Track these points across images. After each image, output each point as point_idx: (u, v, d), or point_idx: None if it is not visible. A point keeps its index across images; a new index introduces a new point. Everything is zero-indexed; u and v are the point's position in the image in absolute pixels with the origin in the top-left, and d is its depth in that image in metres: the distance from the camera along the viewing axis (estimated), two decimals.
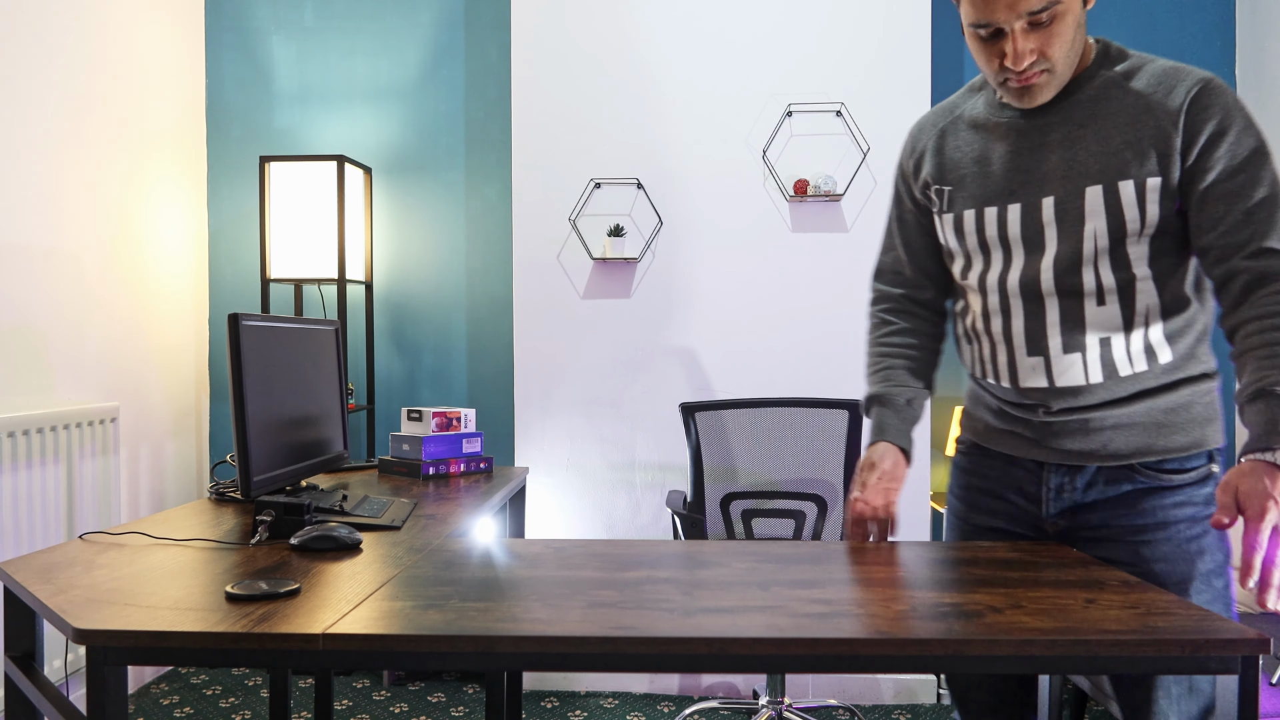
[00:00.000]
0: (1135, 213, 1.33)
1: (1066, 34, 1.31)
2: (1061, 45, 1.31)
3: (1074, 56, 1.34)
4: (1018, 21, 1.30)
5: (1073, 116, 1.37)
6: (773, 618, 1.15)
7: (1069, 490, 1.47)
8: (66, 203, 2.78)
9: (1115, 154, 1.33)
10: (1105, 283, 1.36)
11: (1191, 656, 1.06)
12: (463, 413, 2.51)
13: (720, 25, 3.13)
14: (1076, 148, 1.36)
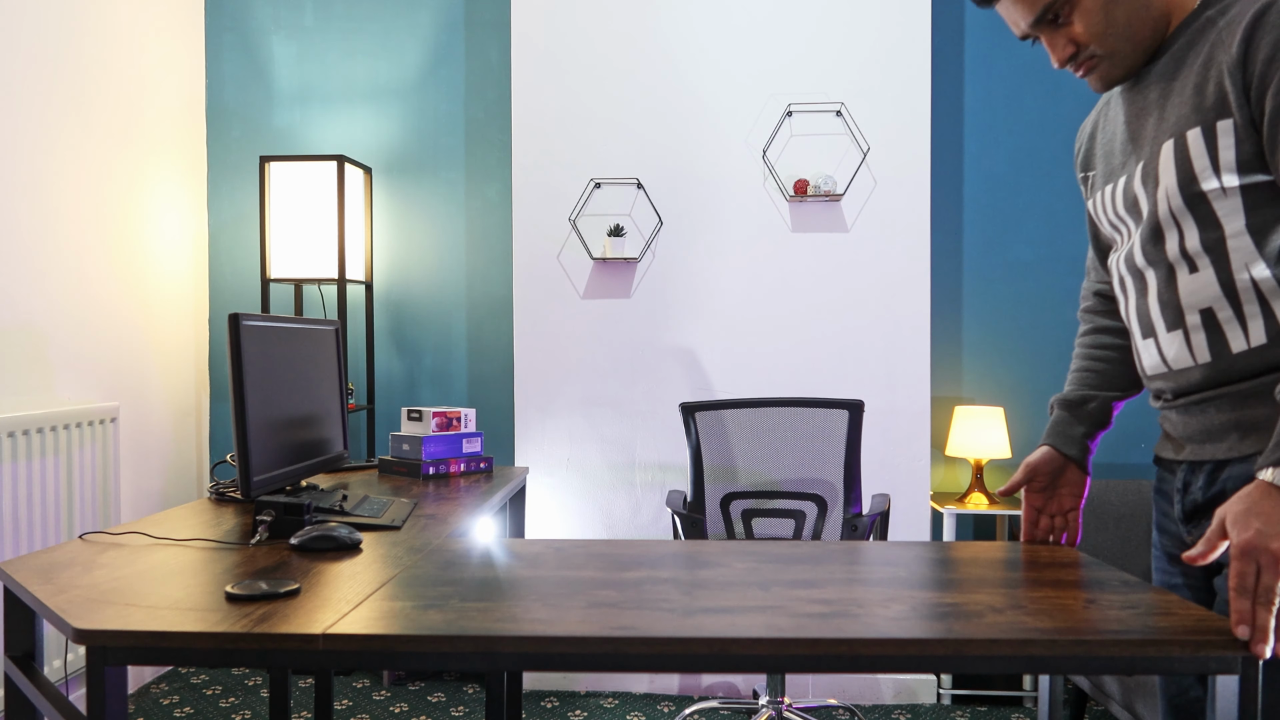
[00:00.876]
0: (1206, 161, 1.15)
1: (1095, 20, 1.22)
2: (1093, 29, 1.23)
3: (1135, 29, 1.22)
4: (1036, 28, 1.25)
5: (1167, 71, 1.23)
6: (773, 618, 1.15)
7: (1193, 489, 1.26)
8: (66, 203, 2.78)
9: (1188, 102, 1.18)
10: (1189, 246, 1.18)
11: (1191, 656, 1.06)
12: (463, 413, 2.51)
13: (720, 25, 3.13)
14: (1165, 103, 1.22)
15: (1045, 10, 1.23)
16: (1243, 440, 1.16)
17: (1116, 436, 3.35)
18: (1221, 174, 1.14)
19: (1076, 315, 1.63)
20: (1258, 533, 0.99)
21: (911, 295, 3.10)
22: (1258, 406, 1.15)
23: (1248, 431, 1.16)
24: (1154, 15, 1.22)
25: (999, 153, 3.37)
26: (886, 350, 3.11)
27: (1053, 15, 1.23)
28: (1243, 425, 1.16)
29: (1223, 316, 1.16)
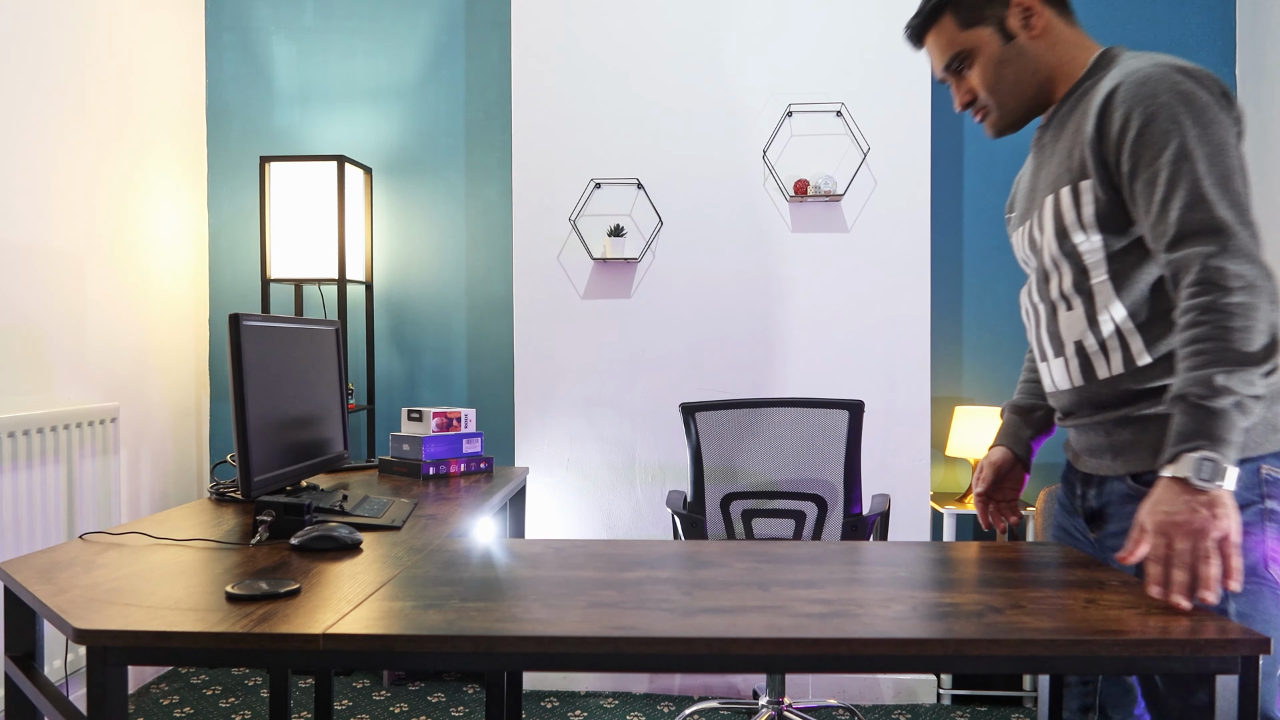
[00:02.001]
0: (1073, 216, 1.35)
1: (988, 70, 1.43)
2: (985, 82, 1.44)
3: (1023, 77, 1.43)
4: (945, 73, 1.49)
5: (1055, 132, 1.44)
6: (773, 618, 1.15)
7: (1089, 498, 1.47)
8: (66, 203, 2.78)
9: (1062, 164, 1.38)
10: (1065, 288, 1.39)
11: (1191, 656, 1.06)
12: (463, 413, 2.51)
13: (721, 25, 3.13)
14: (1051, 162, 1.43)
15: (951, 60, 1.46)
16: (1115, 460, 1.39)
17: None
18: (1086, 229, 1.34)
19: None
20: (1165, 514, 1.18)
21: (911, 295, 3.10)
22: (1124, 432, 1.37)
23: (1119, 453, 1.38)
24: (1039, 79, 1.43)
25: (999, 153, 3.37)
26: (886, 350, 3.11)
27: (957, 64, 1.46)
28: (1115, 448, 1.39)
29: (1090, 349, 1.37)
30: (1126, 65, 1.32)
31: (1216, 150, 1.23)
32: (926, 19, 1.47)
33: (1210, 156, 1.23)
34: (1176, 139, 1.24)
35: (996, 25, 1.42)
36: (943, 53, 1.47)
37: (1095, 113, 1.31)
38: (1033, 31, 1.42)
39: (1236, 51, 3.32)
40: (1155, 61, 1.29)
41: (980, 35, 1.43)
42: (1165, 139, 1.24)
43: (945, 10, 1.45)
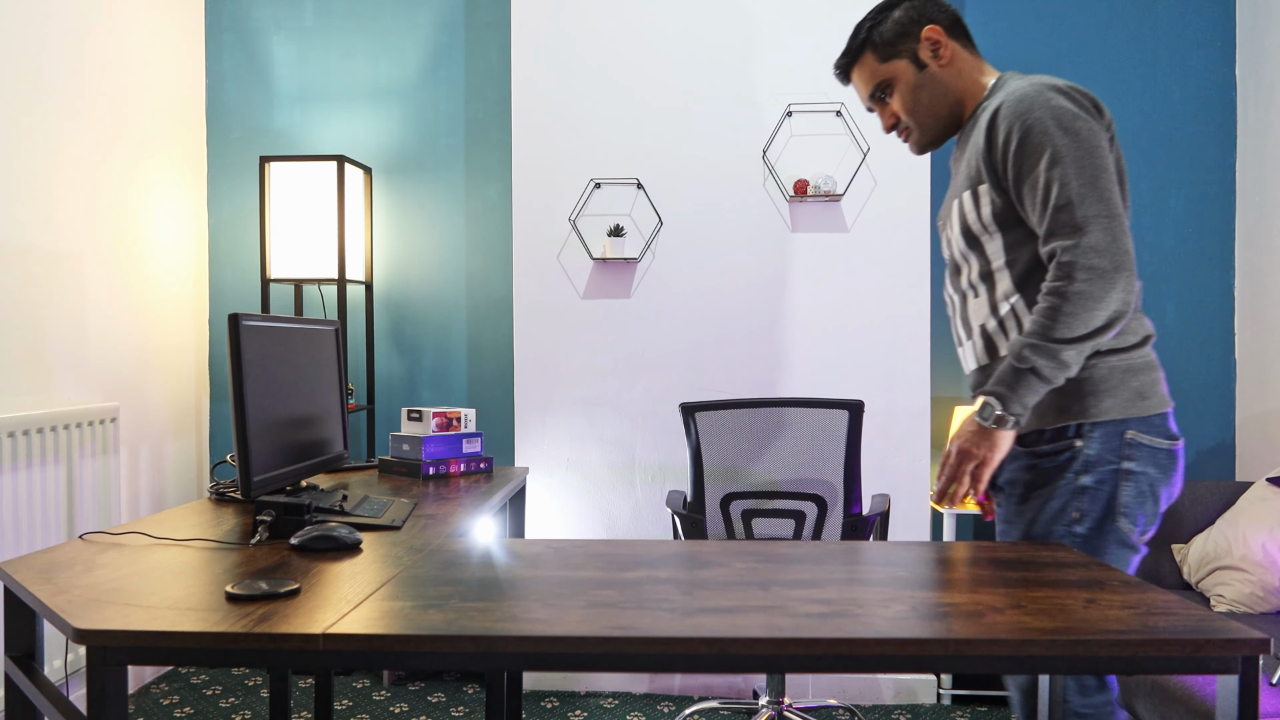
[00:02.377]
0: (974, 215, 1.59)
1: (905, 96, 1.68)
2: (905, 107, 1.69)
3: (937, 100, 1.68)
4: (871, 101, 1.73)
5: (962, 146, 1.68)
6: (773, 618, 1.15)
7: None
8: (66, 203, 2.78)
9: (964, 172, 1.62)
10: (972, 278, 1.64)
11: (1191, 656, 1.06)
12: (463, 413, 2.51)
13: (720, 26, 3.13)
14: (958, 170, 1.67)
15: (874, 90, 1.71)
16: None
17: None
18: (985, 226, 1.58)
19: None
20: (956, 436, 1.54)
21: (911, 295, 3.10)
22: None
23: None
24: (950, 101, 1.68)
25: None
26: (886, 350, 3.11)
27: (879, 94, 1.71)
28: None
29: (991, 330, 1.61)
30: (1010, 86, 1.57)
31: (1085, 154, 1.46)
32: (851, 58, 1.72)
33: (1078, 160, 1.45)
34: (1049, 148, 1.47)
35: (910, 57, 1.67)
36: (867, 84, 1.71)
37: (984, 128, 1.55)
38: (941, 61, 1.66)
39: (1236, 51, 3.32)
40: (1034, 82, 1.53)
41: (897, 67, 1.68)
42: (1040, 149, 1.47)
43: (866, 48, 1.70)
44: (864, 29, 1.70)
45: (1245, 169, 3.29)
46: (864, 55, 1.70)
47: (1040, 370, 1.44)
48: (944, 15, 1.69)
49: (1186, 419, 3.34)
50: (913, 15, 1.67)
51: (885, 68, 1.68)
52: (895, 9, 1.69)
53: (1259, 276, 3.21)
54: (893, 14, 1.69)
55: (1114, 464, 1.50)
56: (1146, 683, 2.22)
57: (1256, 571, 2.51)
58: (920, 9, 1.68)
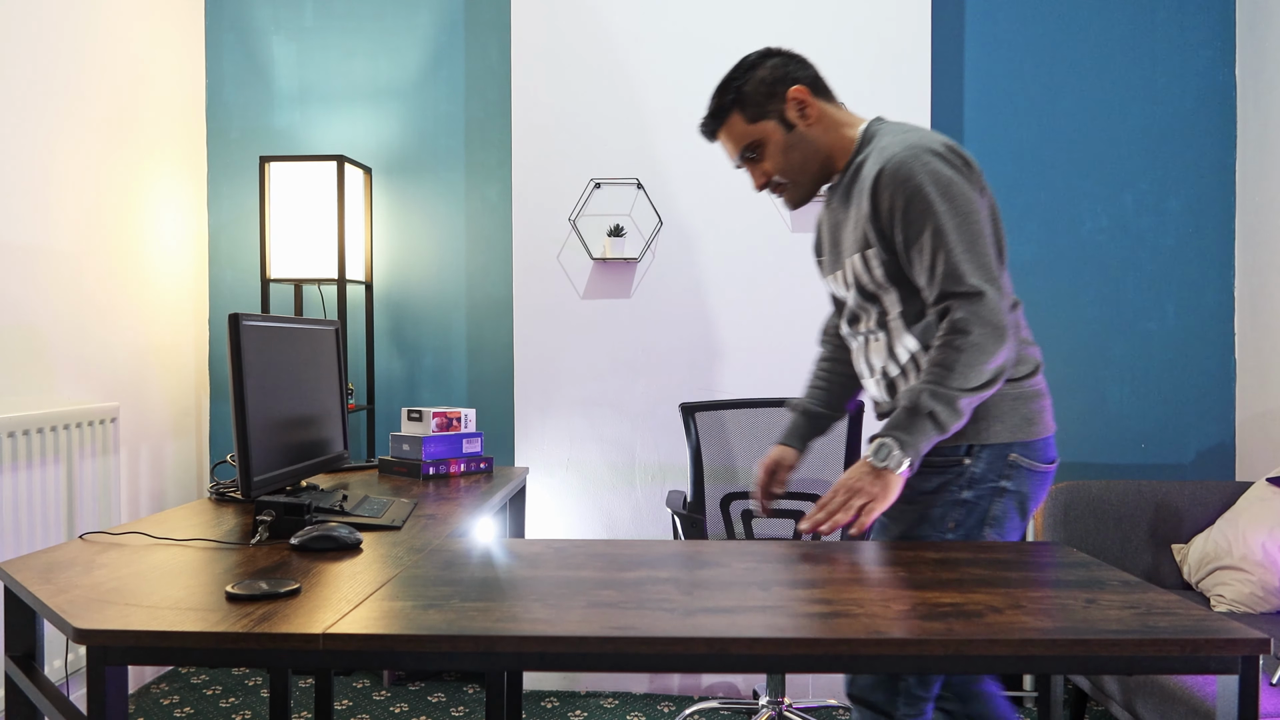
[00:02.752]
0: (867, 276, 1.67)
1: (776, 156, 1.71)
2: (777, 166, 1.72)
3: (808, 159, 1.71)
4: (741, 161, 1.74)
5: (844, 202, 1.73)
6: (773, 618, 1.15)
7: None
8: (66, 203, 2.78)
9: (852, 235, 1.68)
10: (871, 326, 1.72)
11: (1191, 656, 1.06)
12: (463, 413, 2.51)
13: (720, 25, 3.13)
14: (845, 229, 1.72)
15: (744, 150, 1.73)
16: None
17: (1117, 436, 3.35)
18: (879, 284, 1.66)
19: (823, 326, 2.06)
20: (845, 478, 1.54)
21: None
22: None
23: None
24: (820, 157, 1.72)
25: (999, 152, 3.37)
26: None
27: (750, 154, 1.73)
28: None
29: (893, 374, 1.70)
30: (883, 144, 1.62)
31: (963, 220, 1.54)
32: (718, 118, 1.73)
33: (959, 228, 1.54)
34: (931, 219, 1.54)
35: (778, 118, 1.70)
36: (736, 144, 1.73)
37: (868, 195, 1.61)
38: (808, 120, 1.70)
39: (1236, 51, 3.32)
40: (908, 144, 1.58)
41: (766, 128, 1.70)
42: (923, 219, 1.55)
43: (734, 109, 1.71)
44: (729, 89, 1.71)
45: (1245, 169, 3.29)
46: (731, 116, 1.72)
47: (938, 415, 1.51)
48: (806, 74, 1.72)
49: (1187, 419, 3.34)
50: (777, 74, 1.70)
51: (754, 129, 1.71)
52: (758, 68, 1.71)
53: (1259, 276, 3.21)
54: (756, 74, 1.70)
55: (994, 482, 1.62)
56: (1146, 683, 2.22)
57: (1256, 571, 2.51)
58: (783, 68, 1.71)
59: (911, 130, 1.64)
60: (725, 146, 1.76)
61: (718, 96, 1.72)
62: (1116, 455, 3.36)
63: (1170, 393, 3.35)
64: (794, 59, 1.73)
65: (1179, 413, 3.35)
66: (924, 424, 1.51)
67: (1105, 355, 3.36)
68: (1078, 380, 3.37)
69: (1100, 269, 3.36)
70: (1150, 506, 2.84)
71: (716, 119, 1.73)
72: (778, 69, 1.70)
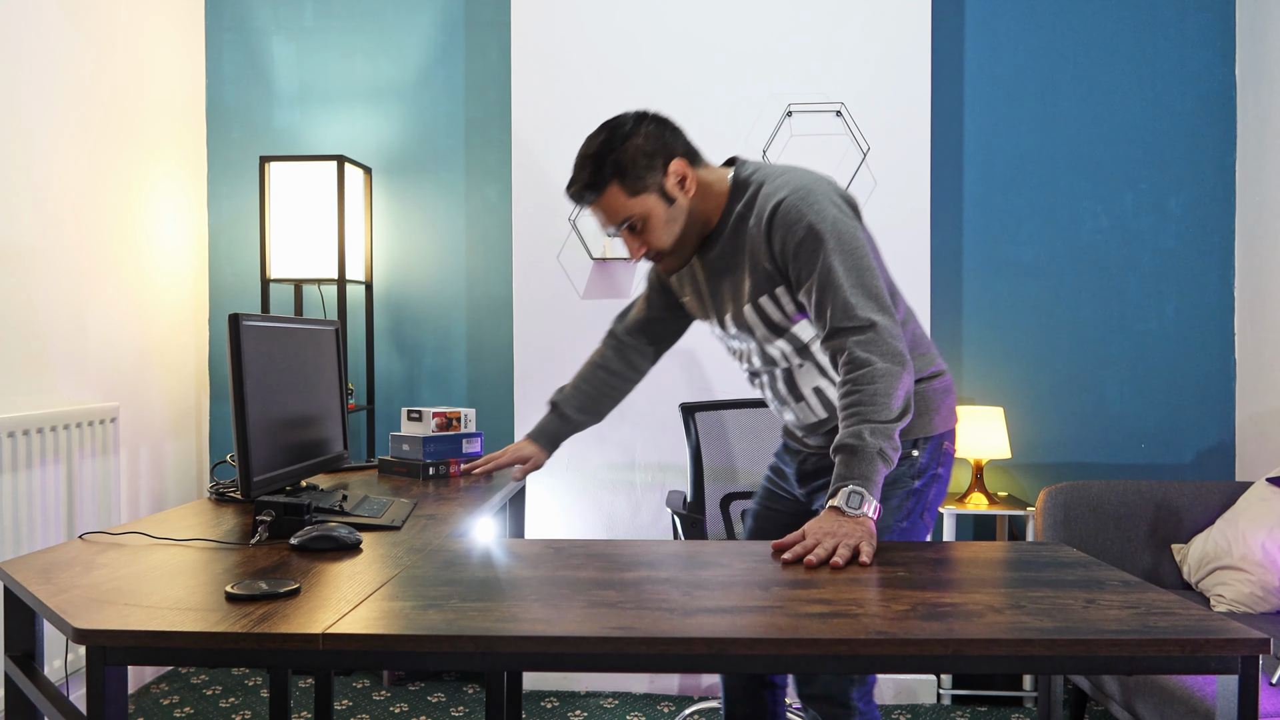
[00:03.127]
0: (779, 314, 1.70)
1: (659, 230, 1.69)
2: (658, 240, 1.70)
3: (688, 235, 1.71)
4: (618, 231, 1.70)
5: (726, 254, 1.73)
6: (773, 618, 1.15)
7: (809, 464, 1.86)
8: (66, 203, 2.78)
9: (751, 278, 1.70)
10: (791, 357, 1.74)
11: (1191, 656, 1.06)
12: (463, 413, 2.51)
13: (720, 25, 3.13)
14: (736, 279, 1.73)
15: (623, 222, 1.68)
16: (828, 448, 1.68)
17: (1117, 436, 3.35)
18: (791, 318, 1.70)
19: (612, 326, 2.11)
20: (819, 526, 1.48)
21: (911, 295, 3.10)
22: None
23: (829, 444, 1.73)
24: (699, 223, 1.73)
25: (999, 153, 3.37)
26: None
27: (628, 225, 1.68)
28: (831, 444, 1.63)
29: (825, 390, 1.75)
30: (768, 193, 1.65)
31: (850, 255, 1.59)
32: (595, 189, 1.66)
33: (846, 265, 1.58)
34: (821, 257, 1.59)
35: (659, 192, 1.67)
36: (614, 216, 1.68)
37: (763, 239, 1.65)
38: (687, 192, 1.69)
39: (1236, 51, 3.32)
40: (793, 187, 1.63)
41: (647, 202, 1.66)
42: (813, 258, 1.59)
43: (613, 180, 1.65)
44: (606, 159, 1.65)
45: (1245, 169, 3.29)
46: (610, 188, 1.66)
47: (885, 451, 1.51)
48: (681, 142, 1.71)
49: (1186, 419, 3.34)
50: (655, 145, 1.66)
51: (635, 202, 1.66)
52: (634, 136, 1.66)
53: (1259, 276, 3.21)
54: (634, 142, 1.65)
55: (933, 469, 1.74)
56: (1146, 683, 2.22)
57: (1256, 571, 2.51)
58: (659, 138, 1.67)
59: (789, 171, 1.68)
60: (597, 215, 1.71)
61: (594, 165, 1.66)
62: (1116, 455, 3.36)
63: (1170, 393, 3.35)
64: (668, 126, 1.70)
65: (1179, 413, 3.35)
66: (876, 463, 1.51)
67: (1105, 355, 3.36)
68: (1078, 380, 3.36)
69: (1100, 269, 3.36)
70: (1150, 506, 2.84)
71: (594, 190, 1.66)
72: (654, 139, 1.67)
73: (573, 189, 1.69)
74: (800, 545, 1.45)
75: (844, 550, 1.41)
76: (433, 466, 2.40)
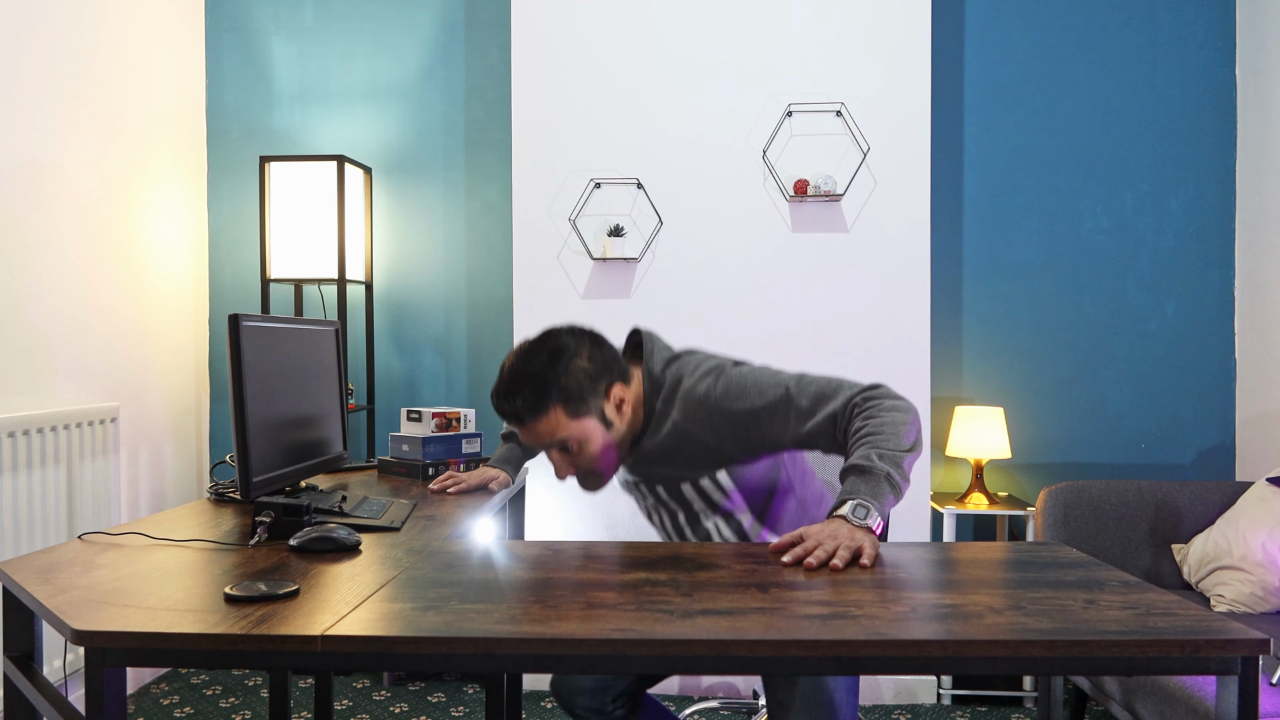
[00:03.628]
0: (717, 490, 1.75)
1: (596, 457, 1.66)
2: (594, 464, 1.67)
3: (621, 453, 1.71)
4: (546, 449, 1.66)
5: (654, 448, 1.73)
6: (772, 619, 1.15)
7: None
8: (67, 203, 2.78)
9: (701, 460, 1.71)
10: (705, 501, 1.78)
11: (1191, 657, 1.06)
12: (463, 413, 2.51)
13: (720, 25, 3.13)
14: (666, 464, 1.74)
15: (559, 443, 1.64)
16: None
17: (1117, 436, 3.35)
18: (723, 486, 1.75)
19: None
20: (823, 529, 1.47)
21: (911, 295, 3.10)
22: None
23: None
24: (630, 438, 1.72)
25: (999, 152, 3.37)
26: (886, 350, 3.11)
27: (563, 446, 1.65)
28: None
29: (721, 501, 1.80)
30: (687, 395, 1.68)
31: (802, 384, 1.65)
32: (535, 410, 1.61)
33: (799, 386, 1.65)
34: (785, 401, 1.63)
35: (599, 415, 1.65)
36: (550, 435, 1.63)
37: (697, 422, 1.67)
38: (624, 416, 1.68)
39: (1236, 51, 3.32)
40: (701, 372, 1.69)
41: (586, 426, 1.63)
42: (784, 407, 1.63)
43: (556, 404, 1.61)
44: (550, 382, 1.60)
45: (1245, 169, 3.29)
46: (548, 409, 1.61)
47: (893, 477, 1.50)
48: (618, 364, 1.68)
49: (1186, 419, 3.34)
50: (599, 369, 1.64)
51: (575, 425, 1.62)
52: (576, 358, 1.63)
53: (1259, 276, 3.20)
54: (577, 364, 1.62)
55: None
56: (1146, 683, 2.22)
57: (1256, 571, 2.51)
58: (604, 363, 1.65)
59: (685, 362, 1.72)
60: (526, 436, 1.65)
61: (536, 386, 1.60)
62: (1116, 455, 3.36)
63: (1170, 393, 3.35)
64: (604, 345, 1.68)
65: (1179, 413, 3.35)
66: (883, 485, 1.49)
67: (1105, 355, 3.36)
68: (1078, 380, 3.36)
69: (1100, 269, 3.36)
70: (1150, 506, 2.84)
71: (534, 413, 1.61)
72: (599, 363, 1.64)
73: (509, 407, 1.62)
74: (800, 547, 1.44)
75: (844, 553, 1.41)
76: (432, 467, 2.40)
